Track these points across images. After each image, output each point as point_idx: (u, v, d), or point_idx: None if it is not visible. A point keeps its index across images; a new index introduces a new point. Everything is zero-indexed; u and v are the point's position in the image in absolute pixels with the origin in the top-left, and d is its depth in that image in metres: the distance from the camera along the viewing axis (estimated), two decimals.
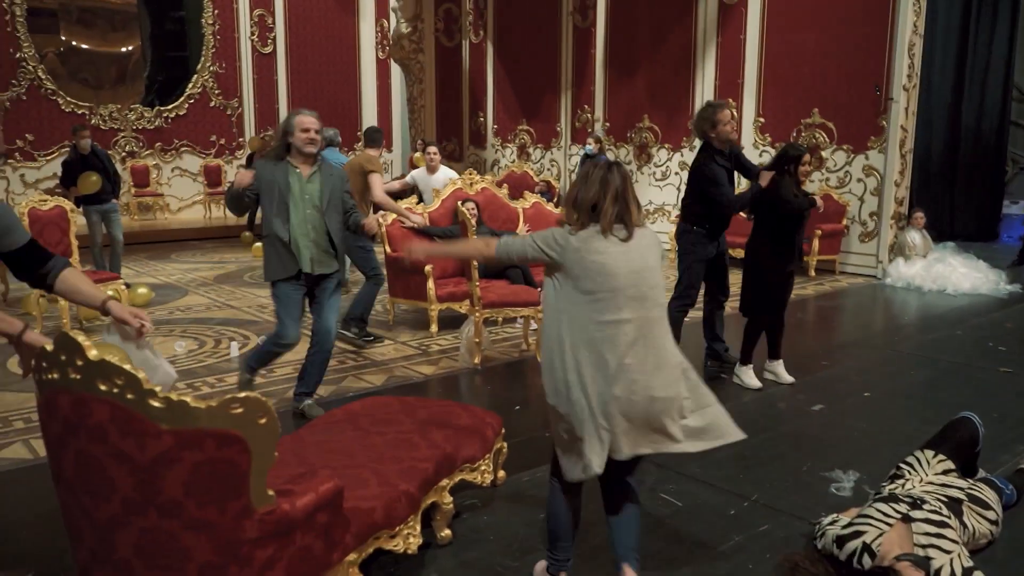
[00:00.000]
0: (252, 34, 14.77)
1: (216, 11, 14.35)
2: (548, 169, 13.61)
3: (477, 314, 5.61)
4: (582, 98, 13.05)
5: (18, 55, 12.66)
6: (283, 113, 15.10)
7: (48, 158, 12.86)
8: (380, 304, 7.31)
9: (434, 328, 6.50)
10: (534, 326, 5.95)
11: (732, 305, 5.59)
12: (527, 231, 7.58)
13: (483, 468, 3.34)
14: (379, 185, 6.65)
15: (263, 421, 2.02)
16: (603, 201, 2.56)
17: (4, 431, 4.40)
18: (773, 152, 9.79)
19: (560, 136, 13.45)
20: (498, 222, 7.51)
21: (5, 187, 12.66)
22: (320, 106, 15.52)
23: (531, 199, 7.96)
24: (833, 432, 4.43)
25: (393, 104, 16.26)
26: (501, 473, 3.65)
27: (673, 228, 10.50)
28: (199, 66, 14.34)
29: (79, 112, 13.19)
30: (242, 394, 1.98)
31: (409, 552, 2.78)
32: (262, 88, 14.96)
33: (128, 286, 7.24)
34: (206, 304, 7.87)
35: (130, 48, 14.14)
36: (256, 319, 7.14)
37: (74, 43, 13.54)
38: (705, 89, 11.09)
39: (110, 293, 2.82)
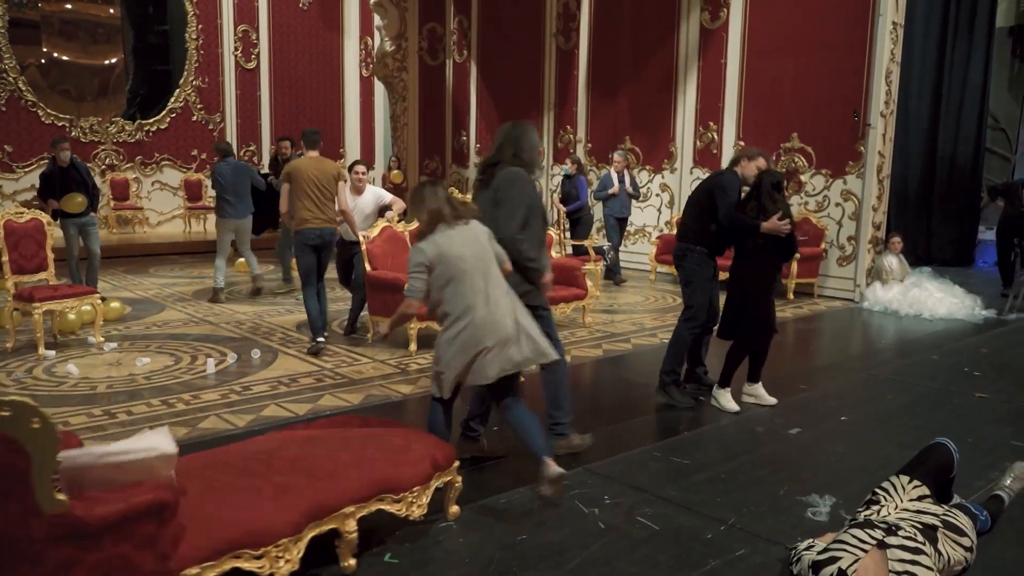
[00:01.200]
0: (236, 49, 14.75)
1: (200, 26, 14.33)
2: None
3: None
4: (564, 119, 13.13)
5: None
6: (266, 128, 15.09)
7: (27, 170, 12.73)
8: (360, 322, 7.29)
9: (413, 347, 6.47)
10: None
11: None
12: None
13: (410, 500, 3.20)
14: (344, 195, 6.74)
15: (36, 425, 2.14)
16: (445, 208, 3.69)
17: None
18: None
19: (542, 156, 13.48)
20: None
21: None
22: (302, 122, 15.55)
23: None
24: (810, 456, 4.44)
25: (376, 122, 16.27)
26: (453, 508, 3.50)
27: (654, 250, 10.61)
28: (182, 80, 14.29)
29: (59, 124, 13.08)
30: (11, 398, 2.15)
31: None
32: (245, 103, 14.93)
33: (103, 300, 7.15)
34: (183, 319, 7.79)
35: (113, 61, 14.06)
36: (233, 335, 7.08)
37: (56, 55, 13.45)
38: (687, 112, 11.19)
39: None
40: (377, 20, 14.98)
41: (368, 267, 6.76)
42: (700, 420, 5.02)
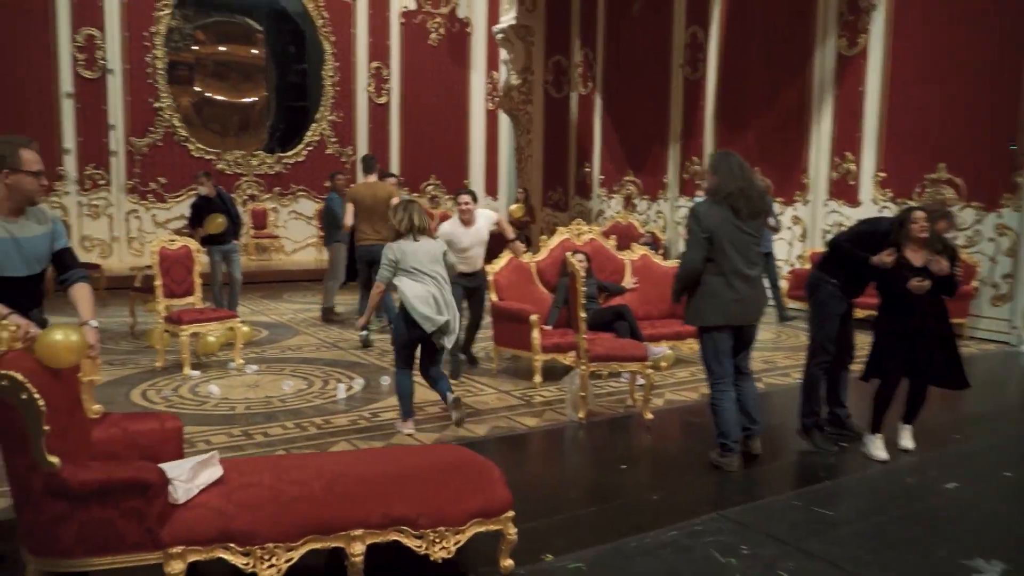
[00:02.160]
0: (369, 85, 15.37)
1: (337, 64, 15.03)
2: (654, 221, 13.45)
3: (583, 367, 5.50)
4: (691, 150, 12.89)
5: (156, 104, 13.57)
6: (394, 160, 15.59)
7: (177, 200, 13.64)
8: (484, 352, 7.32)
9: (538, 379, 6.41)
10: (640, 381, 5.79)
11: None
12: (635, 283, 7.45)
13: (432, 538, 3.06)
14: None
15: (24, 397, 2.62)
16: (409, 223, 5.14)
17: None
18: (894, 208, 9.35)
19: (667, 188, 13.30)
20: (605, 273, 7.43)
21: (138, 226, 13.48)
22: (429, 155, 16.03)
23: (639, 251, 7.86)
24: (971, 514, 4.06)
25: (500, 154, 16.52)
26: (507, 562, 3.22)
27: (785, 285, 10.16)
28: (318, 115, 15.00)
29: (207, 158, 13.97)
30: (6, 371, 2.61)
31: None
32: (375, 136, 15.50)
33: (243, 324, 7.49)
34: (315, 344, 8.06)
35: (257, 98, 14.94)
36: (362, 361, 7.24)
37: (207, 94, 14.41)
38: (821, 142, 10.76)
39: (93, 323, 3.44)
40: (503, 54, 15.29)
41: (495, 297, 6.78)
42: (844, 468, 4.71)
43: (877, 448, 4.77)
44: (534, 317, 6.34)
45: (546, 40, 14.91)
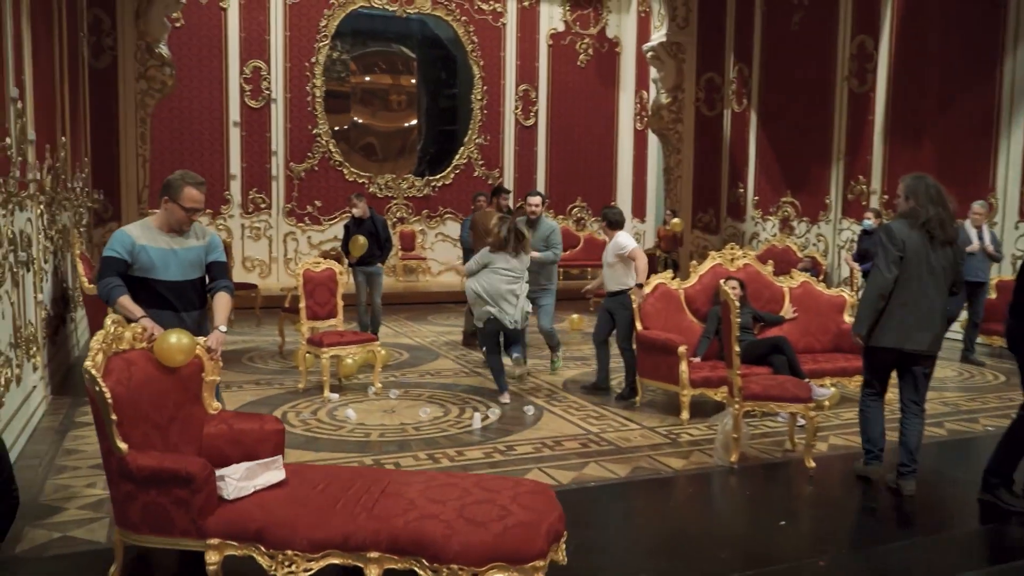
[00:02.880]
0: (516, 108, 15.39)
1: (485, 87, 15.15)
2: (814, 244, 12.56)
3: (736, 406, 5.00)
4: (856, 168, 11.94)
5: (314, 131, 14.15)
6: (540, 182, 15.48)
7: (331, 222, 14.13)
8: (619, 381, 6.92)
9: (685, 415, 5.94)
10: (801, 422, 5.21)
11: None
12: (794, 313, 6.85)
13: (446, 574, 2.82)
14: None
15: (97, 389, 3.05)
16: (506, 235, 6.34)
17: None
18: None
19: (829, 209, 12.39)
20: (761, 301, 6.87)
21: (295, 248, 14.06)
22: (575, 176, 15.83)
23: (799, 277, 7.22)
24: None
25: (648, 174, 16.06)
26: None
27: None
28: (466, 139, 15.16)
29: (359, 181, 14.41)
30: (89, 365, 3.08)
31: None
32: (522, 159, 15.49)
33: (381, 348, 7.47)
34: (455, 369, 7.94)
35: (408, 124, 15.30)
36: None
37: (361, 120, 14.90)
38: (1011, 158, 9.62)
39: (222, 328, 3.98)
40: (653, 72, 14.86)
41: (639, 326, 6.39)
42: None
43: None
44: (682, 348, 5.90)
45: (698, 57, 14.36)
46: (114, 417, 3.06)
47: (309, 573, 2.98)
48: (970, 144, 10.12)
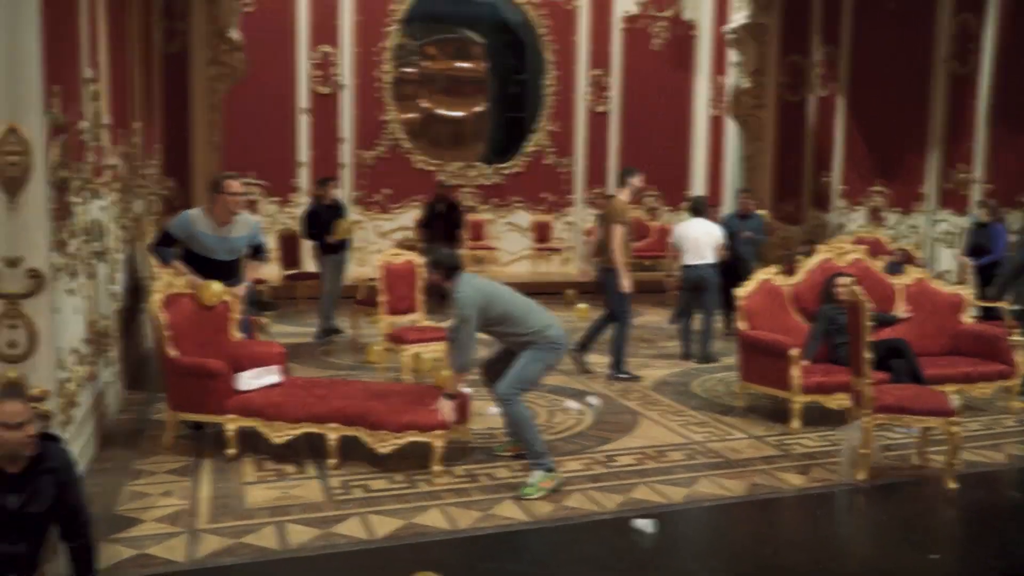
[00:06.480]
0: (588, 94, 14.89)
1: (557, 73, 14.68)
2: (906, 236, 11.81)
3: (867, 419, 4.49)
4: (956, 156, 11.14)
5: (383, 118, 13.88)
6: (612, 170, 14.95)
7: (399, 211, 13.87)
8: (727, 387, 6.45)
9: (796, 423, 5.44)
10: (939, 436, 4.68)
11: None
12: (908, 312, 6.28)
13: (380, 438, 4.58)
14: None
15: (157, 318, 4.83)
16: None
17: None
18: None
19: (925, 199, 11.62)
20: (872, 300, 6.28)
21: (363, 236, 13.82)
22: (648, 164, 15.16)
23: (913, 273, 6.64)
24: None
25: (724, 161, 15.41)
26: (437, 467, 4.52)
27: None
28: (536, 126, 14.72)
29: (428, 170, 14.10)
30: (154, 299, 4.91)
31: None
32: (594, 146, 14.98)
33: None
34: None
35: (477, 110, 14.93)
36: (586, 389, 6.58)
37: (429, 107, 14.59)
38: None
39: (245, 283, 5.55)
40: (732, 56, 14.20)
41: (742, 325, 5.90)
42: None
43: None
44: (794, 352, 5.42)
45: (782, 39, 13.64)
46: (167, 333, 4.77)
47: (290, 436, 4.63)
48: None
